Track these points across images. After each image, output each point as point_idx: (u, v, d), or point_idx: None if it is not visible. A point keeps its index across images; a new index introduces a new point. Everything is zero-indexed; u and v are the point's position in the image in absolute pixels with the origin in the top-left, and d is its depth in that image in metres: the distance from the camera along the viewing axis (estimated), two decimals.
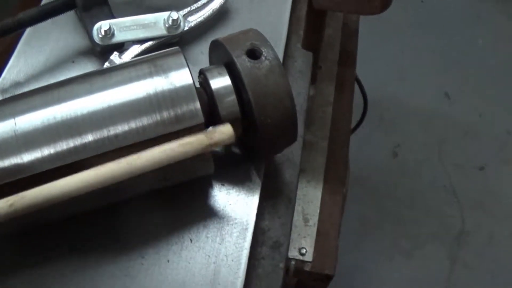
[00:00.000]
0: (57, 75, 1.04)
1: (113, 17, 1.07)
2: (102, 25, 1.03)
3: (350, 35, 1.71)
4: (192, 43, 1.08)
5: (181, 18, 1.05)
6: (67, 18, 1.09)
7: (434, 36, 3.57)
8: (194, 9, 1.08)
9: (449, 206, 2.95)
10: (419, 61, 3.45)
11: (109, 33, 1.03)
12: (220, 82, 0.84)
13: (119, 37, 1.04)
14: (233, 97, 0.83)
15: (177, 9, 1.08)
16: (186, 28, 1.06)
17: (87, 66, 1.06)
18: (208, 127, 0.85)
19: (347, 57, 1.65)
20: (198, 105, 0.79)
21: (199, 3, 1.09)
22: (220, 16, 1.11)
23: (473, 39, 3.60)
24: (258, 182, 0.92)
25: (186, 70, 0.80)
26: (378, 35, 3.24)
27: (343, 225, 1.78)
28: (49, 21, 1.05)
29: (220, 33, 1.09)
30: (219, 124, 0.79)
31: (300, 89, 1.08)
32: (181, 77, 0.80)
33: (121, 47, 1.05)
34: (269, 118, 0.82)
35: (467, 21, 3.68)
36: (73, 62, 1.07)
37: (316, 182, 1.39)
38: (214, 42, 0.90)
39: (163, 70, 0.80)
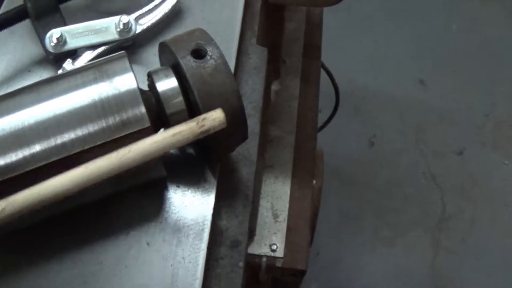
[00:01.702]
0: (14, 85, 1.03)
1: (65, 24, 1.06)
2: (54, 33, 1.02)
3: (314, 28, 1.71)
4: (146, 45, 1.08)
5: (132, 21, 1.04)
6: (24, 28, 1.09)
7: (407, 24, 3.57)
8: (145, 12, 1.08)
9: (429, 192, 2.95)
10: (393, 49, 3.45)
11: (61, 40, 1.03)
12: (167, 84, 0.84)
13: (71, 44, 1.04)
14: (180, 99, 0.83)
15: (131, 11, 1.08)
16: (138, 31, 1.06)
17: (43, 75, 1.05)
18: (157, 129, 0.85)
19: (312, 50, 1.64)
20: (143, 109, 0.78)
21: (151, 5, 1.09)
22: (173, 17, 1.11)
23: (447, 24, 3.60)
24: (213, 182, 0.92)
25: (130, 74, 0.80)
26: (350, 25, 3.25)
27: (322, 218, 1.78)
28: (5, 31, 1.05)
29: (173, 34, 1.08)
30: (211, 111, 0.79)
31: (255, 86, 1.08)
32: (125, 82, 0.80)
33: (74, 54, 1.04)
34: None
35: (441, 6, 3.68)
36: (29, 71, 1.06)
37: (284, 178, 1.39)
38: (161, 44, 0.90)
39: (107, 76, 0.80)
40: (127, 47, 1.07)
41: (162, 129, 0.87)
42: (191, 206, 0.91)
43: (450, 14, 3.66)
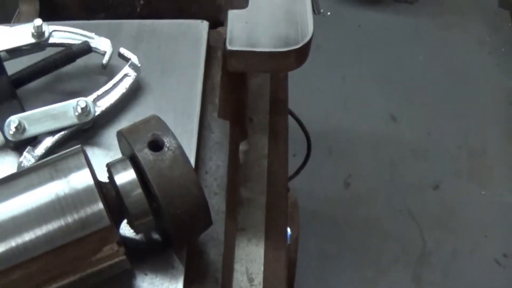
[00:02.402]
0: None
1: (23, 110, 1.05)
2: (12, 121, 1.01)
3: (279, 82, 1.70)
4: (106, 127, 1.07)
5: (90, 104, 1.04)
6: None
7: (374, 59, 3.58)
8: (103, 93, 1.07)
9: (407, 228, 2.95)
10: (361, 85, 3.46)
11: (20, 128, 1.01)
12: (125, 177, 0.83)
13: (30, 131, 1.02)
14: (139, 192, 0.82)
15: (88, 92, 1.07)
16: (97, 113, 1.05)
17: (5, 161, 1.04)
18: (119, 223, 0.84)
19: (279, 106, 1.63)
20: (102, 207, 0.77)
21: (109, 85, 1.08)
22: (132, 94, 1.10)
23: (413, 56, 3.62)
24: (180, 268, 0.91)
25: (86, 171, 0.79)
26: (317, 65, 3.24)
27: (302, 260, 1.77)
28: None
29: (134, 113, 1.08)
30: None
31: (219, 162, 1.07)
32: (81, 179, 0.79)
33: (34, 140, 1.03)
34: (178, 209, 0.81)
35: (406, 39, 3.71)
36: None
37: (257, 240, 1.37)
38: (118, 133, 0.89)
39: (63, 174, 0.79)
40: (87, 129, 1.06)
41: (125, 220, 0.86)
42: None
43: (416, 45, 3.68)
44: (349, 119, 3.30)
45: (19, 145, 1.03)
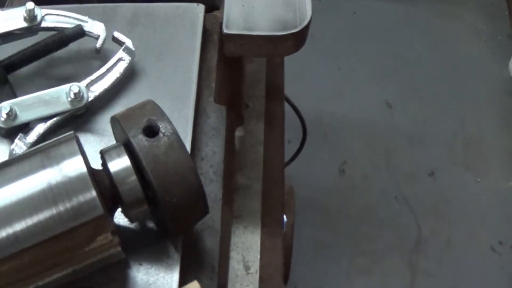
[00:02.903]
0: None
1: (15, 96, 1.03)
2: (3, 108, 0.99)
3: (275, 68, 1.68)
4: (100, 112, 1.05)
5: (83, 89, 1.01)
6: None
7: (370, 47, 3.56)
8: (97, 77, 1.05)
9: (403, 216, 2.93)
10: (357, 73, 3.44)
11: (12, 115, 0.99)
12: (119, 164, 0.80)
13: (22, 117, 1.00)
14: (134, 179, 0.80)
15: (82, 77, 1.04)
16: (90, 99, 1.03)
17: None
18: (113, 211, 0.82)
19: (275, 92, 1.61)
20: (95, 196, 0.75)
21: (102, 69, 1.05)
22: (127, 79, 1.08)
23: (409, 44, 3.60)
24: (176, 257, 0.89)
25: (79, 158, 0.77)
26: (313, 53, 3.21)
27: (297, 250, 1.76)
28: None
29: (128, 98, 1.06)
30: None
31: (215, 148, 1.05)
32: (74, 167, 0.76)
33: (26, 127, 1.01)
34: (174, 197, 0.78)
35: (402, 26, 3.69)
36: None
37: (253, 227, 1.36)
38: (112, 119, 0.87)
39: (56, 161, 0.77)
40: (81, 115, 1.03)
41: (119, 209, 0.84)
42: (156, 284, 0.87)
43: (412, 33, 3.65)
44: (345, 106, 3.28)
45: (10, 132, 1.01)
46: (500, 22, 3.71)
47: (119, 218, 0.89)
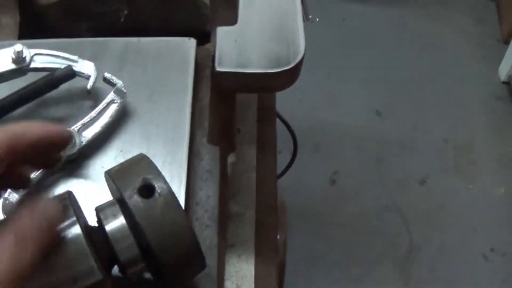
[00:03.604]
0: None
1: None
2: None
3: None
4: (92, 157, 1.03)
5: (75, 135, 0.99)
6: None
7: (359, 53, 3.56)
8: (88, 121, 1.03)
9: (394, 224, 2.94)
10: (347, 81, 3.44)
11: None
12: (115, 224, 0.79)
13: None
14: (130, 239, 0.78)
15: (74, 118, 1.03)
16: (83, 144, 1.01)
17: None
18: (110, 269, 0.80)
19: (266, 113, 1.60)
20: (93, 264, 0.73)
21: (94, 113, 1.03)
22: (118, 120, 1.06)
23: (399, 49, 3.60)
24: None
25: (75, 223, 0.75)
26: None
27: (290, 259, 1.75)
28: None
29: (121, 141, 1.04)
30: None
31: (209, 191, 1.03)
32: (70, 232, 0.74)
33: None
34: (172, 258, 0.77)
35: (391, 32, 3.69)
36: None
37: (247, 256, 1.34)
38: (106, 174, 0.85)
39: None
40: (73, 160, 1.02)
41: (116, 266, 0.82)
42: None
43: (401, 38, 3.66)
44: (335, 115, 3.28)
45: None
46: (490, 26, 3.71)
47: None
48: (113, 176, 0.81)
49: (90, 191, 0.99)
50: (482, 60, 3.60)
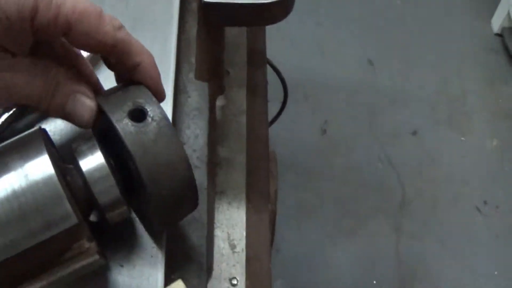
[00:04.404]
0: None
1: None
2: None
3: (257, 32, 1.60)
4: None
5: None
6: None
7: (350, 3, 3.50)
8: None
9: (387, 177, 2.90)
10: (338, 31, 3.38)
11: None
12: (92, 161, 0.71)
13: None
14: (109, 179, 0.70)
15: None
16: None
17: None
18: (87, 215, 0.74)
19: (256, 57, 1.53)
20: (68, 206, 0.66)
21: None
22: (99, 59, 0.99)
23: (391, 0, 3.54)
24: (160, 256, 0.81)
25: (47, 160, 0.67)
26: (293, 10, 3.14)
27: (280, 212, 1.70)
28: None
29: (103, 77, 0.97)
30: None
31: (198, 130, 0.97)
32: (41, 171, 0.67)
33: None
34: (164, 189, 0.70)
35: None
36: None
37: (238, 203, 1.29)
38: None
39: (19, 164, 0.67)
40: None
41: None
42: (139, 286, 0.79)
43: None
44: (325, 65, 3.23)
45: None
46: None
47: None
48: (101, 101, 0.74)
49: (68, 130, 0.92)
50: (474, 12, 3.55)
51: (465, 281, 2.67)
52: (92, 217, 0.76)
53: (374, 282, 2.65)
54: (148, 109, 0.71)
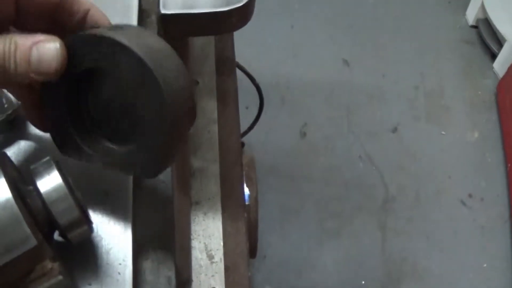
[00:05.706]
0: None
1: None
2: None
3: (225, 39, 1.60)
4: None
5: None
6: None
7: (322, 4, 3.50)
8: None
9: (369, 175, 2.90)
10: (311, 32, 3.39)
11: None
12: (50, 182, 0.70)
13: None
14: (68, 198, 0.69)
15: None
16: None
17: None
18: (50, 236, 0.73)
19: (225, 65, 1.54)
20: (27, 229, 0.66)
21: None
22: None
23: None
24: (127, 272, 0.80)
25: (3, 182, 0.67)
26: (263, 13, 3.14)
27: (264, 217, 1.70)
28: None
29: None
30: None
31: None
32: None
33: None
34: (178, 98, 0.67)
35: None
36: None
37: (214, 213, 1.29)
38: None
39: None
40: (12, 120, 0.93)
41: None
42: None
43: None
44: (301, 67, 3.23)
45: None
46: None
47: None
48: (73, 36, 0.70)
49: (31, 152, 0.91)
50: (448, 4, 3.56)
51: (455, 276, 2.67)
52: (57, 237, 0.76)
53: (363, 282, 2.65)
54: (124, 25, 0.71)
